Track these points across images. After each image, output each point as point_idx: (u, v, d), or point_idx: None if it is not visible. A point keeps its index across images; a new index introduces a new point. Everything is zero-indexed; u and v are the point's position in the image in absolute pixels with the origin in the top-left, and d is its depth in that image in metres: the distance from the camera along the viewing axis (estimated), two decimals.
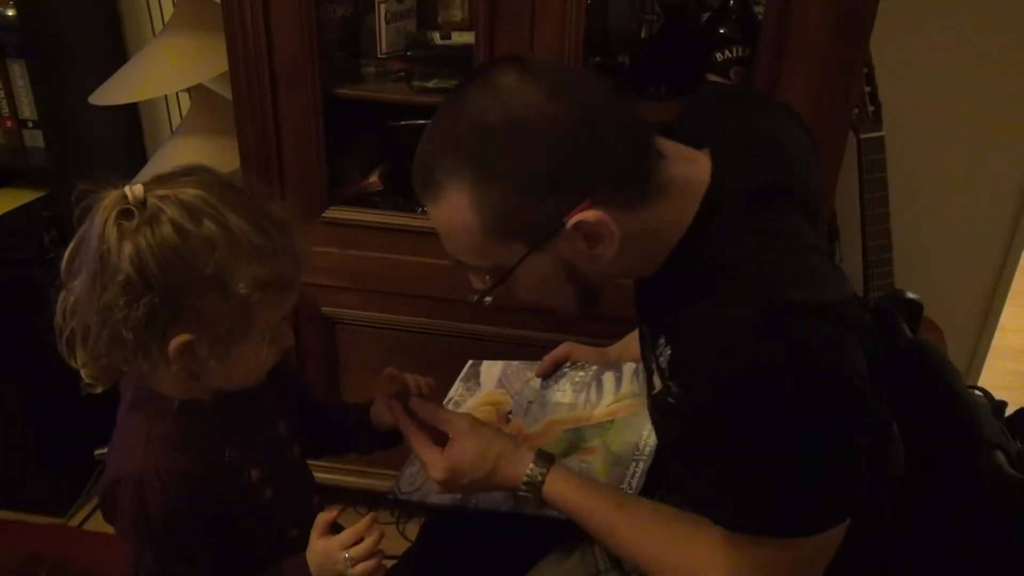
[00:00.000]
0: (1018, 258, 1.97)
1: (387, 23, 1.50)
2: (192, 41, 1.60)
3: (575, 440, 1.19)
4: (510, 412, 1.28)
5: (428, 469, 1.01)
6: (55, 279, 0.94)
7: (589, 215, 0.79)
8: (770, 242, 0.84)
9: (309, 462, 1.15)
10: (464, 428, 1.02)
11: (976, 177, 1.84)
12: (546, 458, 1.01)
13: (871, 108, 1.68)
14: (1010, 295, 2.00)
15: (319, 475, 1.84)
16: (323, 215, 1.60)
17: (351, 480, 1.88)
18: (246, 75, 1.48)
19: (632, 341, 1.34)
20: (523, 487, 0.99)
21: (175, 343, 0.86)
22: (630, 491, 1.06)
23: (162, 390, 0.93)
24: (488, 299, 0.90)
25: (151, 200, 0.84)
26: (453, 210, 0.82)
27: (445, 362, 1.33)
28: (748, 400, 0.77)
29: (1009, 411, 1.05)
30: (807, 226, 0.90)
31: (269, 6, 1.43)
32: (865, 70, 1.65)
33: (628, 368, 1.28)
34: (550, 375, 1.33)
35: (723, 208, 0.85)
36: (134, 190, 0.84)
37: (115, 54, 1.88)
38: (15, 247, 1.88)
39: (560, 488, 0.99)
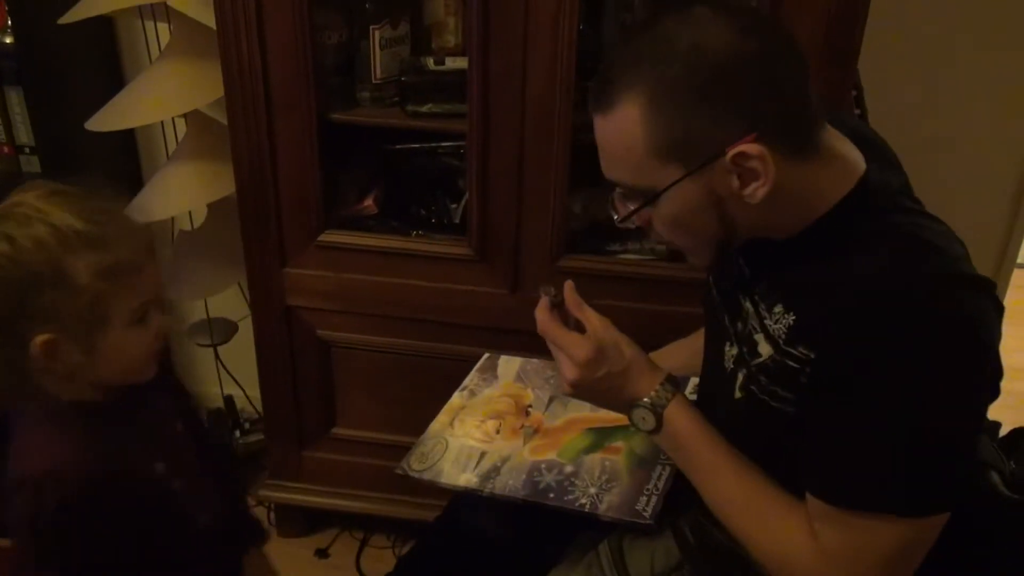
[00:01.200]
0: (1009, 279, 1.98)
1: (381, 49, 1.51)
2: (188, 67, 1.61)
3: (598, 439, 1.20)
4: (530, 405, 1.28)
5: (571, 350, 0.99)
6: None
7: (752, 148, 0.82)
8: (917, 220, 0.88)
9: None
10: (603, 323, 1.01)
11: (965, 202, 1.86)
12: (675, 383, 1.01)
13: None
14: (1007, 315, 2.00)
15: (322, 500, 1.86)
16: (319, 239, 1.61)
17: (342, 504, 1.88)
18: (242, 100, 1.50)
19: (654, 358, 1.34)
20: (648, 399, 0.99)
21: (36, 344, 0.89)
22: (656, 493, 1.07)
23: (52, 393, 0.95)
24: (633, 221, 0.93)
25: None
26: (623, 122, 0.85)
27: (442, 385, 1.33)
28: (893, 357, 0.79)
29: (1003, 431, 1.06)
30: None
31: (265, 34, 1.44)
32: (854, 92, 1.66)
33: None
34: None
35: (878, 194, 0.89)
36: None
37: (112, 81, 1.89)
38: None
39: (682, 414, 0.99)
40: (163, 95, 1.63)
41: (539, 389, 1.31)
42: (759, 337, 0.94)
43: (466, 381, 1.36)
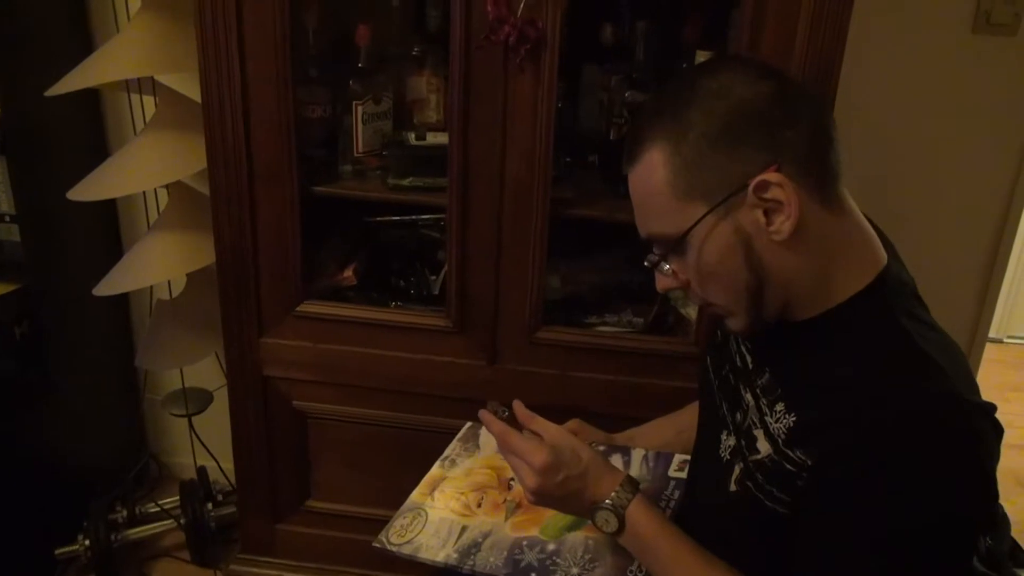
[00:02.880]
0: (993, 311, 1.99)
1: (363, 124, 1.54)
2: (172, 139, 1.64)
3: (578, 519, 1.18)
4: (512, 478, 1.27)
5: (529, 457, 1.01)
6: (26, 372, 0.93)
7: (772, 176, 0.84)
8: (925, 332, 0.87)
9: None
10: (558, 430, 1.04)
11: (937, 274, 1.89)
12: (635, 484, 1.01)
13: None
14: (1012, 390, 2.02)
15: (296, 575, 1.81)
16: (296, 309, 1.61)
17: None
18: (224, 172, 1.51)
19: (639, 434, 1.35)
20: (609, 501, 0.99)
21: None
22: (640, 574, 1.06)
23: None
24: (666, 267, 0.94)
25: None
26: (647, 169, 0.88)
27: (420, 458, 1.32)
28: (891, 476, 0.78)
29: None
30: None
31: (249, 108, 1.47)
32: None
33: (637, 453, 1.29)
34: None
35: (895, 294, 0.90)
36: None
37: (97, 151, 1.91)
38: None
39: (644, 514, 0.99)
40: (146, 166, 1.64)
41: None
42: (759, 433, 0.94)
43: (447, 451, 1.35)
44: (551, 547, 1.14)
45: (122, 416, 2.16)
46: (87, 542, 1.89)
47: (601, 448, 1.31)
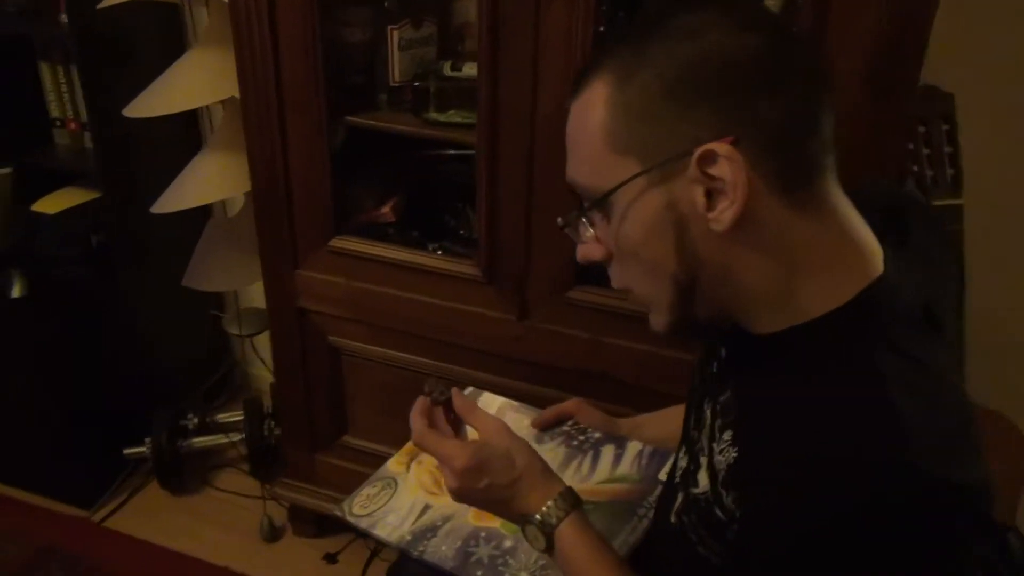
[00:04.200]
0: None
1: (400, 50, 1.42)
2: (226, 53, 1.58)
3: None
4: None
5: (447, 461, 0.89)
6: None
7: (722, 148, 0.66)
8: (911, 378, 0.66)
9: None
10: (496, 428, 0.92)
11: None
12: (572, 499, 0.89)
13: (950, 171, 1.45)
14: None
15: (332, 505, 1.80)
16: (330, 244, 1.54)
17: None
18: (255, 97, 1.45)
19: (648, 422, 1.21)
20: (538, 517, 0.87)
21: None
22: None
23: None
24: (586, 231, 0.77)
25: None
26: (587, 104, 0.72)
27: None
28: (827, 545, 0.63)
29: None
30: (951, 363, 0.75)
31: (277, 29, 1.38)
32: (946, 127, 1.42)
33: (632, 447, 1.16)
34: (548, 428, 1.21)
35: (880, 316, 0.70)
36: None
37: (173, 60, 1.90)
38: (66, 245, 1.95)
39: (575, 536, 0.86)
40: (199, 82, 1.61)
41: None
42: (704, 461, 0.78)
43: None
44: (508, 544, 1.04)
45: (200, 328, 2.21)
46: (151, 445, 1.97)
47: (596, 435, 1.18)
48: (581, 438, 1.18)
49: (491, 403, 1.26)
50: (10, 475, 2.04)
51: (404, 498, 1.12)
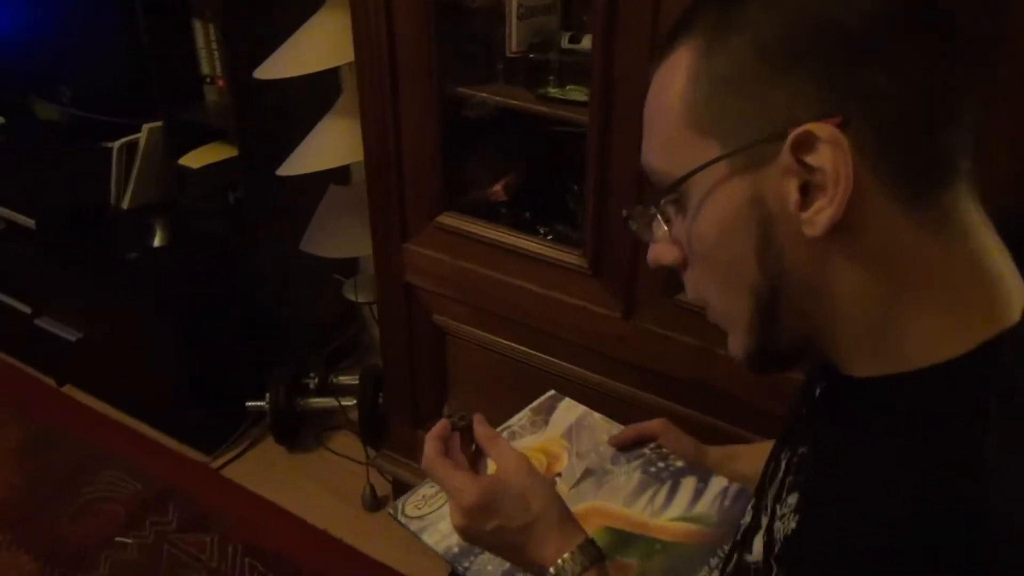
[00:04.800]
0: None
1: (519, 18, 1.32)
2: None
3: (613, 545, 0.98)
4: (559, 474, 1.08)
5: (454, 495, 0.80)
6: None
7: (824, 130, 0.52)
8: None
9: None
10: (516, 465, 0.81)
11: None
12: (593, 553, 0.79)
13: None
14: None
15: None
16: (437, 219, 1.48)
17: None
18: (369, 63, 1.40)
19: (743, 454, 1.08)
20: (552, 571, 0.77)
21: None
22: None
23: None
24: (659, 227, 0.64)
25: None
26: (667, 75, 0.60)
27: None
28: None
29: None
30: None
31: None
32: None
33: (716, 483, 1.03)
34: (626, 449, 1.10)
35: (1002, 375, 0.55)
36: None
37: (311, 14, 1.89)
38: (206, 199, 2.01)
39: None
40: (327, 44, 1.58)
41: (580, 456, 1.09)
42: (764, 522, 0.66)
43: (514, 420, 1.18)
44: None
45: (327, 290, 2.23)
46: (269, 400, 2.01)
47: (678, 464, 1.05)
48: (661, 465, 1.06)
49: (570, 412, 1.16)
50: (145, 414, 2.15)
51: None
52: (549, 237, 1.44)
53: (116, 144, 2.01)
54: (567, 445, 1.11)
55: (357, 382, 2.05)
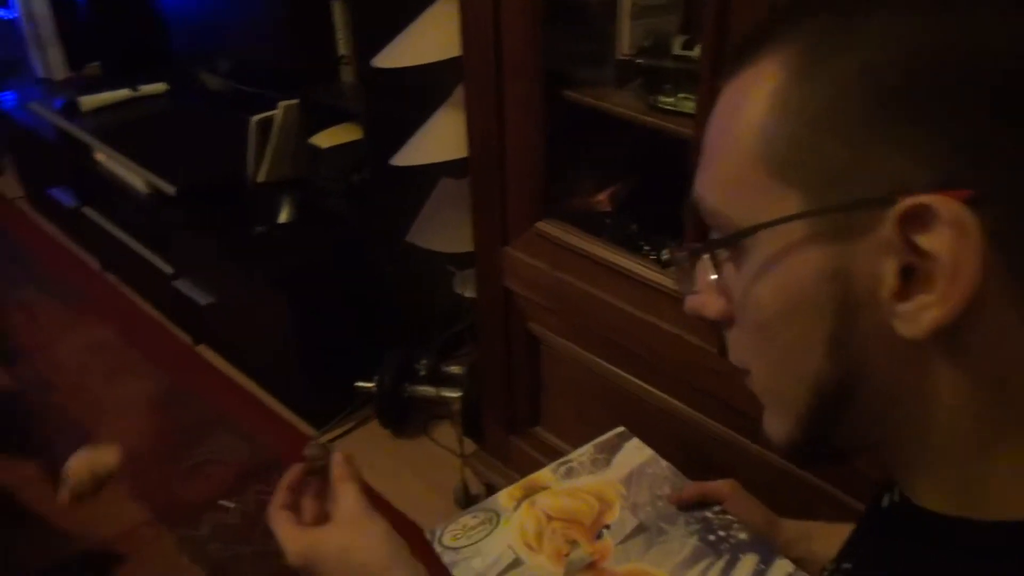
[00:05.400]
0: None
1: (632, 18, 1.21)
2: None
3: None
4: (608, 526, 1.00)
5: (283, 545, 0.80)
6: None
7: (949, 205, 0.39)
8: None
9: None
10: (348, 514, 0.79)
11: None
12: None
13: None
14: None
15: None
16: (535, 226, 1.41)
17: None
18: (475, 57, 1.34)
19: (821, 533, 0.95)
20: None
21: None
22: None
23: None
24: (708, 274, 0.52)
25: None
26: (743, 92, 0.46)
27: (641, 425, 1.11)
28: None
29: None
30: None
31: None
32: None
33: (778, 569, 0.91)
34: (687, 509, 1.01)
35: None
36: None
37: None
38: (332, 179, 2.02)
39: None
40: (445, 33, 1.53)
41: (634, 509, 1.00)
42: None
43: (574, 454, 1.10)
44: None
45: (443, 279, 2.20)
46: (377, 383, 2.02)
47: (741, 536, 0.93)
48: (721, 534, 0.94)
49: (635, 455, 1.07)
50: (265, 382, 2.22)
51: (498, 542, 0.98)
52: (652, 256, 1.34)
53: (253, 119, 2.06)
54: (623, 493, 1.02)
55: (464, 373, 2.02)
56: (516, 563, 0.95)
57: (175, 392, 2.25)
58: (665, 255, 0.58)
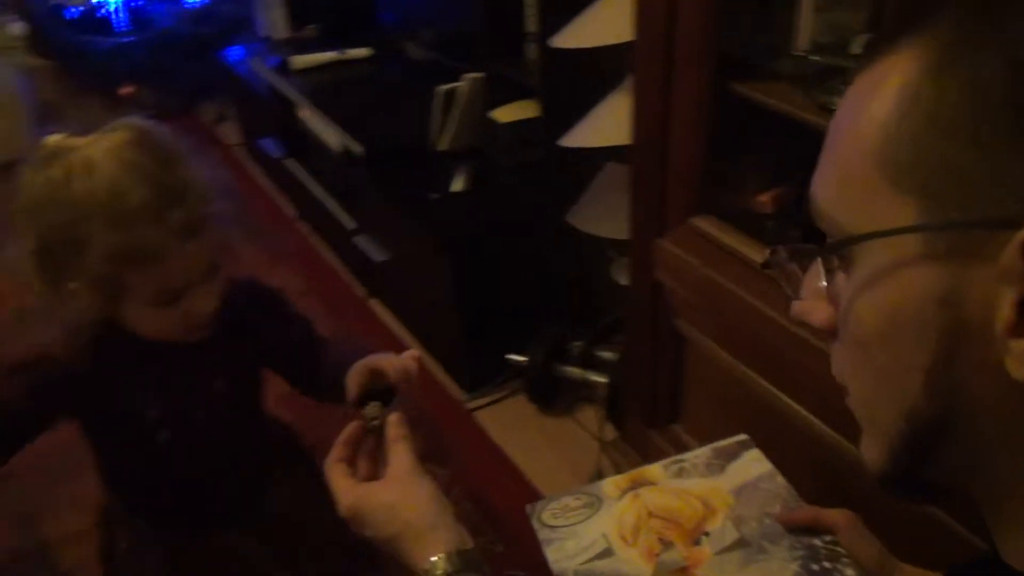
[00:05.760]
0: None
1: (816, 11, 1.14)
2: None
3: None
4: (707, 533, 0.97)
5: (335, 498, 0.84)
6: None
7: None
8: None
9: None
10: (398, 473, 0.83)
11: None
12: (469, 560, 0.77)
13: None
14: None
15: None
16: (690, 220, 1.37)
17: None
18: (647, 43, 1.31)
19: None
20: (424, 570, 0.77)
21: (67, 289, 0.89)
22: None
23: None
24: (817, 278, 0.50)
25: (55, 151, 0.87)
26: (872, 87, 0.43)
27: (782, 439, 1.11)
28: None
29: None
30: None
31: None
32: None
33: None
34: (795, 531, 0.96)
35: None
36: (48, 139, 0.87)
37: None
38: (508, 153, 2.06)
39: None
40: (620, 18, 1.51)
41: (738, 521, 0.96)
42: None
43: (691, 455, 1.07)
44: None
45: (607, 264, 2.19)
46: (528, 358, 2.05)
47: (848, 572, 0.87)
48: (827, 565, 0.89)
49: (752, 466, 1.02)
50: (427, 341, 2.31)
51: (594, 528, 0.98)
52: None
53: (439, 89, 2.13)
54: (731, 504, 0.98)
55: (615, 360, 2.01)
56: (607, 553, 0.94)
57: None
58: (767, 254, 0.55)
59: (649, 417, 1.68)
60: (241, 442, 1.13)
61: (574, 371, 2.09)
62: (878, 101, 0.42)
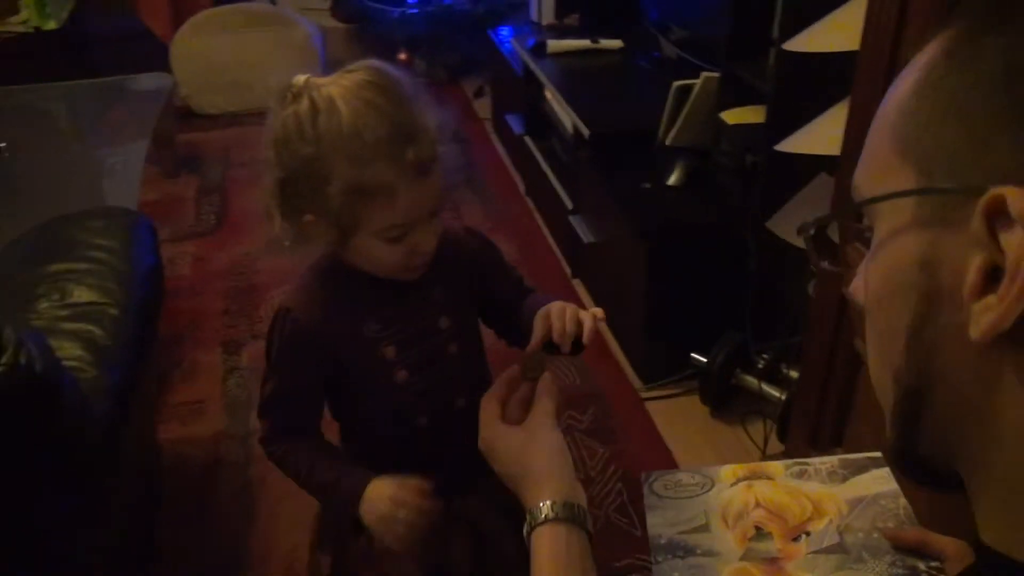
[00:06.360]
0: None
1: None
2: None
3: None
4: (809, 532, 0.97)
5: (480, 427, 0.92)
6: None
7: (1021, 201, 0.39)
8: None
9: None
10: (534, 422, 0.89)
11: None
12: (574, 514, 0.84)
13: None
14: None
15: None
16: None
17: None
18: (871, 55, 1.29)
19: None
20: (528, 515, 0.85)
21: (306, 221, 0.95)
22: None
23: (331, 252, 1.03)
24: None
25: (302, 88, 0.92)
26: (907, 71, 0.48)
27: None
28: None
29: None
30: None
31: None
32: None
33: None
34: (901, 550, 0.94)
35: None
36: (297, 79, 0.93)
37: None
38: (727, 155, 2.06)
39: (546, 543, 0.82)
40: (857, 24, 1.49)
41: (846, 530, 0.94)
42: None
43: (815, 459, 1.05)
44: None
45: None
46: (707, 360, 2.05)
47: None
48: None
49: (876, 483, 0.98)
50: (615, 326, 2.36)
51: (699, 506, 1.00)
52: None
53: (674, 84, 2.17)
54: (843, 512, 0.96)
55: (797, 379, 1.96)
56: (703, 528, 0.96)
57: None
58: (812, 221, 0.58)
59: (812, 438, 1.64)
60: (471, 390, 1.08)
61: (750, 381, 2.06)
62: (904, 81, 0.46)
